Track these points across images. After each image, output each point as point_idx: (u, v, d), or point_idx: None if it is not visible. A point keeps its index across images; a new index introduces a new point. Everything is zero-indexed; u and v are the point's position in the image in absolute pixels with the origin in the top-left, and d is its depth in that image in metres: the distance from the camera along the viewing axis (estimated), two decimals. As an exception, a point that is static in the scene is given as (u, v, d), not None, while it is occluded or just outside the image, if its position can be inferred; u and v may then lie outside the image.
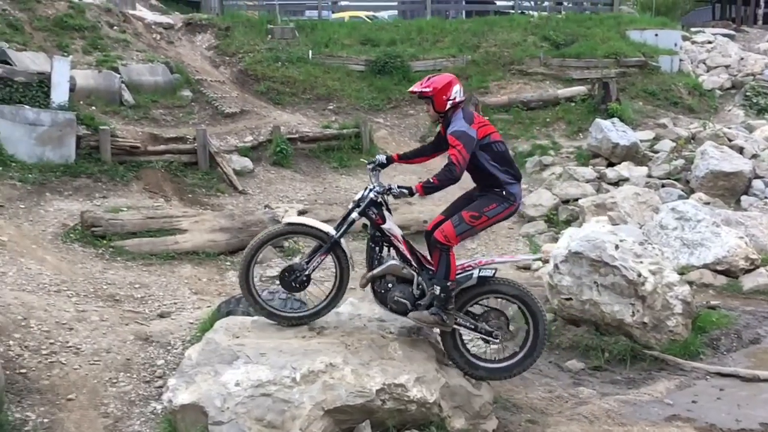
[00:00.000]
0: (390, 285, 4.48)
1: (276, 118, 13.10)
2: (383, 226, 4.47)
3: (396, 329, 4.55)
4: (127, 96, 11.88)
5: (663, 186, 10.76)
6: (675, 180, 11.02)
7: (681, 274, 6.75)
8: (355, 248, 5.75)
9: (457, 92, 4.45)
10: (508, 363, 4.59)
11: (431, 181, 4.37)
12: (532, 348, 4.55)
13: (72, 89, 10.17)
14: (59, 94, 9.87)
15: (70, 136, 9.69)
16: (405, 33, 17.16)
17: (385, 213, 4.50)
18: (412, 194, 4.40)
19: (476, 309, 4.62)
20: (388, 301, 4.46)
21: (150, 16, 15.93)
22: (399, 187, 4.44)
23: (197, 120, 12.52)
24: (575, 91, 14.52)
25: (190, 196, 10.42)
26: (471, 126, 4.36)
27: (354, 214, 4.47)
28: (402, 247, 4.49)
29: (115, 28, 13.85)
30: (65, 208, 8.88)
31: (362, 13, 22.16)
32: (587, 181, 10.99)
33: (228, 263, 8.44)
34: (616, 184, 10.97)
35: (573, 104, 14.21)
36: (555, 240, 9.13)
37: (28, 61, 10.79)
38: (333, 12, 21.35)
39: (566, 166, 11.71)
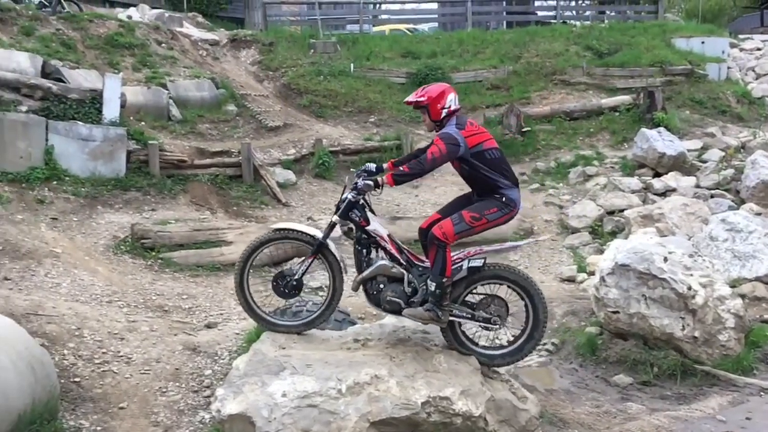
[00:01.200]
0: (381, 285, 4.49)
1: (318, 131, 13.26)
2: (368, 228, 4.48)
3: (441, 341, 4.54)
4: (175, 111, 12.18)
5: (712, 196, 10.49)
6: (724, 190, 10.74)
7: (732, 287, 6.57)
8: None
9: (451, 101, 4.48)
10: (516, 345, 4.55)
11: (402, 169, 4.41)
12: (535, 325, 4.51)
13: (123, 105, 10.48)
14: (110, 110, 10.18)
15: (121, 150, 9.99)
16: (446, 45, 17.21)
17: (369, 214, 4.52)
18: (378, 186, 4.39)
19: (473, 298, 4.61)
20: (381, 301, 4.47)
21: (196, 33, 16.32)
22: (364, 180, 4.44)
23: (242, 134, 12.75)
24: (619, 100, 14.31)
25: (234, 208, 10.60)
26: (460, 132, 4.38)
27: (335, 218, 4.50)
28: (389, 247, 4.50)
29: (163, 45, 14.24)
30: (116, 221, 9.13)
31: (402, 26, 22.32)
32: (633, 192, 10.79)
33: (272, 275, 8.54)
34: (663, 194, 10.75)
35: (617, 114, 14.01)
36: (600, 252, 8.99)
37: (81, 78, 11.17)
38: (374, 25, 21.54)
39: (611, 176, 11.53)
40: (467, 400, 4.12)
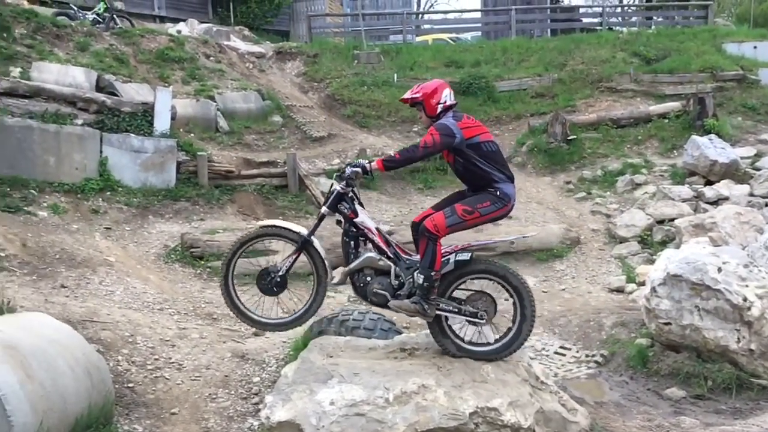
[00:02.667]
0: (368, 278, 4.47)
1: (362, 141, 13.36)
2: (356, 220, 4.45)
3: (488, 352, 4.51)
4: (222, 123, 12.44)
5: (766, 205, 10.17)
6: (780, 198, 10.40)
7: (791, 298, 6.34)
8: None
9: (446, 96, 4.46)
10: (502, 342, 4.47)
11: (393, 155, 4.38)
12: (523, 320, 4.44)
13: (173, 118, 10.76)
14: (161, 122, 10.47)
15: (171, 162, 10.25)
16: (489, 54, 17.14)
17: (357, 207, 4.48)
18: (366, 172, 4.36)
19: (461, 294, 4.55)
20: (368, 294, 4.45)
21: (243, 46, 16.65)
22: (351, 167, 4.42)
23: (287, 144, 12.94)
24: (668, 107, 14.00)
25: (280, 217, 10.73)
26: (456, 123, 4.34)
27: (323, 209, 4.49)
28: (377, 240, 4.47)
29: (212, 58, 14.58)
30: (166, 230, 9.36)
31: (445, 36, 22.33)
32: (683, 201, 10.53)
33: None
34: (715, 203, 10.45)
35: (666, 121, 13.71)
36: (650, 262, 8.81)
37: (133, 92, 11.51)
38: (417, 35, 21.62)
39: (660, 184, 11.28)
40: (516, 412, 4.08)
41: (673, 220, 9.80)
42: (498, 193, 4.39)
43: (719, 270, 5.75)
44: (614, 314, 7.31)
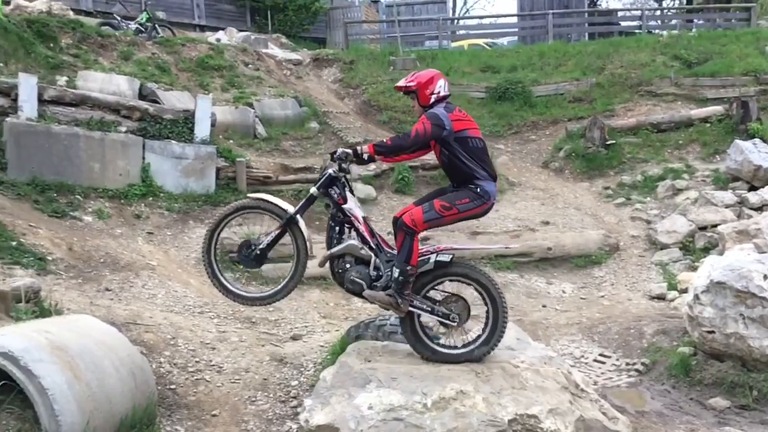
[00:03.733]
0: (348, 265, 4.50)
1: (398, 147, 13.38)
2: (344, 206, 4.47)
3: (527, 358, 4.49)
4: (260, 129, 12.61)
5: (814, 211, 9.88)
6: (828, 204, 10.09)
7: (841, 307, 6.15)
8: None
9: (441, 86, 4.48)
10: (469, 348, 4.48)
11: (384, 141, 4.40)
12: (493, 329, 4.44)
13: (213, 124, 10.94)
14: (202, 129, 10.66)
15: (211, 168, 10.43)
16: (526, 58, 17.05)
17: (347, 193, 4.50)
18: (357, 155, 4.39)
19: (437, 295, 4.58)
20: (345, 281, 4.50)
21: (281, 53, 16.87)
22: (342, 149, 4.48)
23: (324, 150, 13.02)
24: (710, 111, 13.72)
25: (317, 223, 10.79)
26: (448, 115, 4.35)
27: (312, 189, 4.50)
28: (362, 228, 4.49)
29: (250, 66, 14.79)
30: (206, 235, 9.51)
31: (481, 41, 22.27)
32: (726, 206, 10.30)
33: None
34: (760, 209, 10.19)
35: (708, 125, 13.42)
36: (692, 269, 8.63)
37: (174, 99, 11.75)
38: (452, 41, 21.61)
39: (702, 190, 11.06)
40: (555, 419, 4.05)
41: (715, 226, 9.59)
42: (478, 190, 4.41)
43: (765, 277, 5.62)
44: (655, 322, 7.19)
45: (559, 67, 16.59)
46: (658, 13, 26.79)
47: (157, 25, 15.51)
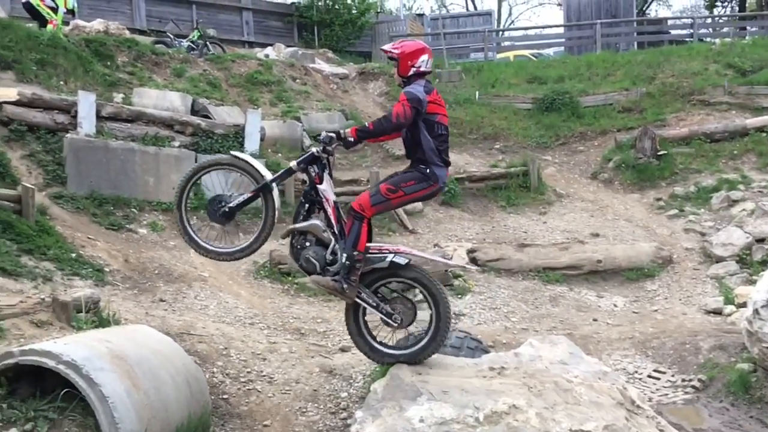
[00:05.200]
0: (307, 243, 4.55)
1: (444, 159, 13.38)
2: (319, 186, 4.49)
3: (581, 372, 4.42)
4: (308, 142, 12.76)
5: None
6: None
7: None
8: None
9: (423, 62, 4.49)
10: (412, 349, 4.56)
11: (366, 125, 4.45)
12: (435, 334, 4.51)
13: (262, 138, 11.16)
14: (251, 143, 10.87)
15: (260, 181, 10.60)
16: (573, 69, 16.88)
17: (325, 175, 4.53)
18: (341, 138, 4.45)
19: (386, 293, 4.64)
20: (300, 258, 4.55)
21: (327, 68, 17.08)
22: (327, 132, 4.53)
23: (370, 163, 13.13)
24: (766, 120, 13.31)
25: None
26: (426, 95, 4.38)
27: (293, 163, 4.53)
28: (330, 212, 4.52)
29: (297, 81, 15.04)
30: (255, 247, 9.67)
31: (527, 52, 22.14)
32: (786, 218, 9.96)
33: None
34: (821, 221, 9.84)
35: (764, 134, 13.01)
36: (749, 282, 8.37)
37: (225, 114, 12.02)
38: (497, 52, 21.54)
39: (759, 201, 10.70)
40: (610, 436, 3.96)
41: (774, 238, 9.29)
42: (427, 171, 4.45)
43: (830, 292, 5.41)
44: (712, 337, 6.98)
45: (608, 77, 16.36)
46: (710, 20, 26.14)
47: (208, 43, 15.93)
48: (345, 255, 4.40)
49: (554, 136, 14.52)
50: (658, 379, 6.50)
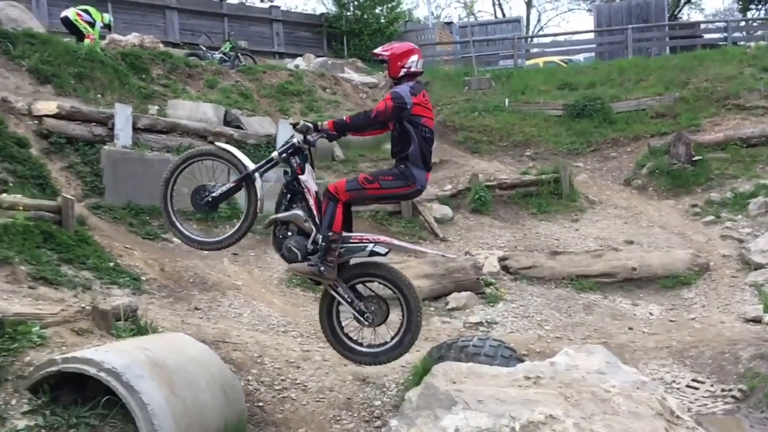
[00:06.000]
0: (289, 233, 4.63)
1: (474, 167, 13.35)
2: (301, 177, 4.57)
3: (619, 382, 4.35)
4: (338, 152, 12.86)
5: None
6: None
7: None
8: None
9: (413, 62, 4.56)
10: (380, 349, 4.69)
11: (344, 119, 4.55)
12: (403, 337, 4.62)
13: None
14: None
15: (291, 190, 10.71)
16: (605, 74, 16.74)
17: (307, 166, 4.60)
18: (317, 129, 4.52)
19: (362, 290, 4.73)
20: (282, 247, 4.63)
21: (357, 77, 17.21)
22: (304, 120, 4.60)
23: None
24: (806, 123, 13.04)
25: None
26: (412, 96, 4.43)
27: (274, 154, 4.59)
28: (311, 202, 4.59)
29: (327, 90, 15.17)
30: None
31: (557, 58, 22.00)
32: (827, 225, 9.73)
33: (432, 309, 8.64)
34: None
35: (803, 139, 12.76)
36: (791, 290, 8.18)
37: (256, 125, 12.17)
38: (527, 59, 21.45)
39: (799, 207, 10.49)
40: (649, 447, 3.90)
41: (816, 245, 9.06)
42: (407, 171, 4.50)
43: None
44: (752, 346, 6.82)
45: (640, 83, 16.19)
46: (743, 23, 25.69)
47: (239, 54, 16.17)
48: (321, 236, 4.49)
49: (586, 142, 14.40)
50: (697, 389, 6.38)
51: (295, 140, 4.61)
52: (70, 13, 12.71)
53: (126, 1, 19.34)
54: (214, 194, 4.70)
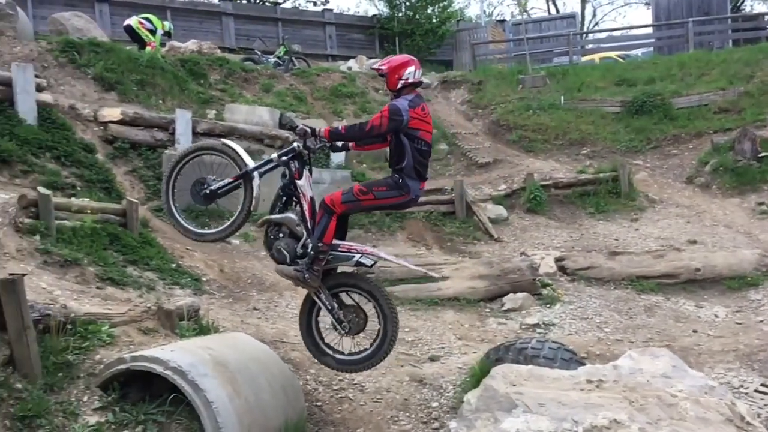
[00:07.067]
0: (281, 235, 4.70)
1: (528, 166, 13.20)
2: (298, 182, 4.62)
3: (686, 387, 4.23)
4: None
5: None
6: None
7: None
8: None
9: (410, 73, 4.58)
10: (356, 357, 4.79)
11: (339, 128, 4.60)
12: (378, 349, 4.71)
13: (347, 150, 11.36)
14: (337, 155, 11.09)
15: (346, 191, 10.82)
16: (665, 69, 16.27)
17: (305, 171, 4.65)
18: (314, 134, 4.57)
19: (345, 299, 4.79)
20: (273, 247, 4.70)
21: (409, 78, 17.21)
22: (303, 126, 4.66)
23: (453, 171, 13.11)
24: None
25: (448, 244, 10.87)
26: (409, 110, 4.45)
27: (274, 155, 4.66)
28: (306, 207, 4.65)
29: (380, 92, 15.23)
30: (342, 257, 9.84)
31: (613, 54, 21.49)
32: None
33: (488, 310, 8.58)
34: None
35: None
36: None
37: (311, 127, 12.31)
38: (582, 56, 21.04)
39: None
40: (719, 454, 3.78)
41: None
42: (400, 181, 4.53)
43: None
44: (828, 351, 6.54)
45: (702, 77, 15.68)
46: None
47: (293, 58, 16.40)
48: (311, 245, 4.57)
49: (645, 139, 14.04)
50: (766, 394, 6.13)
51: (295, 145, 4.67)
52: (133, 21, 13.13)
53: (184, 8, 19.88)
54: (212, 187, 4.81)
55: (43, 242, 6.79)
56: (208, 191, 4.82)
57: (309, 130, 4.65)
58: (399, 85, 4.62)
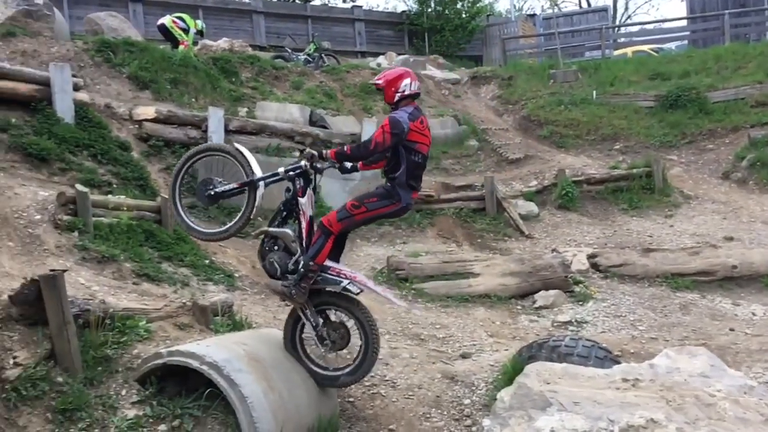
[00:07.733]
0: (276, 247, 4.79)
1: (560, 162, 13.07)
2: (300, 199, 4.69)
3: (724, 387, 4.15)
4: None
5: None
6: None
7: None
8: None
9: (406, 85, 4.64)
10: (337, 373, 4.88)
11: (344, 149, 4.63)
12: (358, 366, 4.83)
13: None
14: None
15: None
16: (700, 63, 15.97)
17: (309, 190, 4.72)
18: (322, 157, 4.66)
19: (331, 316, 4.90)
20: (266, 259, 4.81)
21: (439, 74, 17.16)
22: (309, 150, 4.74)
23: (483, 167, 13.04)
24: None
25: (479, 240, 10.83)
26: (409, 122, 4.50)
27: (281, 169, 4.72)
28: (303, 225, 4.70)
29: (409, 88, 15.20)
30: (373, 253, 9.87)
31: (646, 47, 21.15)
32: None
33: (519, 307, 8.53)
34: None
35: None
36: None
37: (341, 124, 12.36)
38: (614, 49, 20.75)
39: None
40: (759, 455, 3.70)
41: None
42: (392, 190, 4.63)
43: None
44: None
45: (739, 70, 15.34)
46: None
47: (323, 55, 16.45)
48: (302, 262, 4.64)
49: (680, 134, 13.81)
50: (808, 395, 5.99)
51: (303, 162, 4.72)
52: (166, 20, 13.30)
53: (216, 7, 20.09)
54: (217, 189, 4.87)
55: (81, 239, 6.94)
56: (213, 193, 4.91)
57: (315, 153, 4.73)
58: (396, 98, 4.70)
